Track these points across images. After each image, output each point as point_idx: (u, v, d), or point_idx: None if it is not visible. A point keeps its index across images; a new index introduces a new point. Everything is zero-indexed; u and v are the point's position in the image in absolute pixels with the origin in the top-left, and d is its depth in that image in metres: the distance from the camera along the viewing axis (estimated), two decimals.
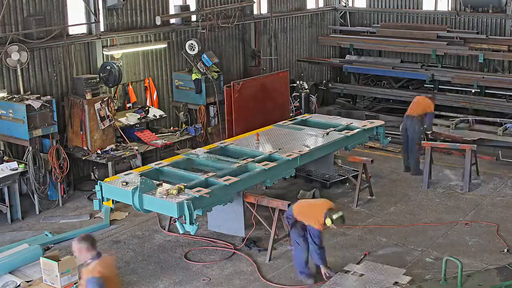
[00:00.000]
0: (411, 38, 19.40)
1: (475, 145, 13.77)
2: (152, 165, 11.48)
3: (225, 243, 11.22)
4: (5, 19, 12.90)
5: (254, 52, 18.51)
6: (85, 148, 13.53)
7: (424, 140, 14.06)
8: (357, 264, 10.16)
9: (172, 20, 16.32)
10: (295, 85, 18.68)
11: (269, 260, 10.59)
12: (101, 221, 12.20)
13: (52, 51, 13.78)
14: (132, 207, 10.28)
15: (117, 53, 14.83)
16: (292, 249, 10.04)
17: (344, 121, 14.09)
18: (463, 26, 19.75)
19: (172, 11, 16.29)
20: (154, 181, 10.22)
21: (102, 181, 10.68)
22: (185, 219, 9.58)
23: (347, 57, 20.58)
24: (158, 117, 15.35)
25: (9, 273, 10.07)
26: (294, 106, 18.24)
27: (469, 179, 13.44)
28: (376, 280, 9.49)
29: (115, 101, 14.47)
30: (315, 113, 17.04)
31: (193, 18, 16.89)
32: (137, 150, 13.77)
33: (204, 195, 9.90)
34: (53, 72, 13.82)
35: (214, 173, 10.76)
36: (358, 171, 13.29)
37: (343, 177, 14.02)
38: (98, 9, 14.39)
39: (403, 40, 19.40)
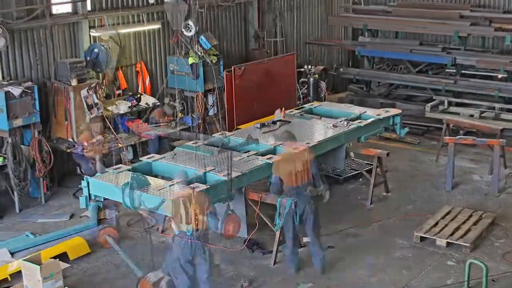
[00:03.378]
0: (431, 18, 19.27)
1: (504, 140, 13.64)
2: (144, 159, 11.47)
3: (225, 244, 11.17)
4: None
5: (257, 33, 18.42)
6: (70, 139, 13.49)
7: None
8: None
9: None
10: (302, 70, 18.58)
11: (274, 264, 10.57)
12: (88, 220, 12.16)
13: (34, 33, 13.70)
14: (122, 205, 10.27)
15: (105, 34, 14.76)
16: None
17: (357, 110, 14.04)
18: (488, 4, 19.61)
19: None
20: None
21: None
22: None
23: (360, 38, 20.47)
24: (151, 105, 15.30)
25: None
26: (302, 93, 18.17)
27: (498, 179, 13.36)
28: None
29: (103, 87, 14.41)
30: (324, 101, 16.98)
31: None
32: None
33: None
34: (35, 55, 13.76)
35: (213, 167, 10.73)
36: (372, 165, 13.25)
37: (356, 172, 13.97)
38: None
39: (422, 20, 19.25)
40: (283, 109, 13.53)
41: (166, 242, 11.12)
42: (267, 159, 11.09)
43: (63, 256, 10.62)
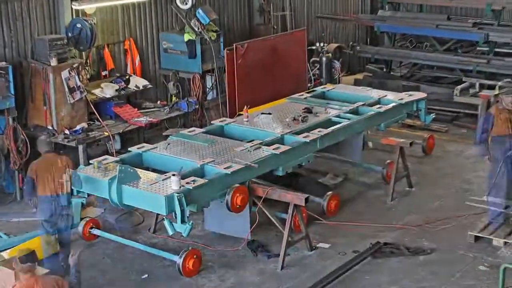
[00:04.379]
0: None
1: None
2: (134, 149, 11.44)
3: (225, 247, 11.18)
4: None
5: (262, 6, 18.35)
6: (50, 127, 13.44)
7: None
8: None
9: None
10: (314, 48, 18.56)
11: (282, 269, 10.56)
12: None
13: (8, 6, 13.64)
14: (108, 202, 10.32)
15: (89, 7, 14.68)
16: None
17: (376, 94, 14.06)
18: None
19: None
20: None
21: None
22: (176, 217, 9.55)
23: (380, 12, 20.45)
24: (141, 88, 15.26)
25: None
26: (313, 75, 18.14)
27: None
28: None
29: (87, 68, 14.37)
30: (339, 83, 16.96)
31: None
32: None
33: None
34: (9, 32, 13.71)
35: (212, 159, 10.70)
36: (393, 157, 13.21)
37: None
38: None
39: None
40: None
41: None
42: (273, 149, 11.06)
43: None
